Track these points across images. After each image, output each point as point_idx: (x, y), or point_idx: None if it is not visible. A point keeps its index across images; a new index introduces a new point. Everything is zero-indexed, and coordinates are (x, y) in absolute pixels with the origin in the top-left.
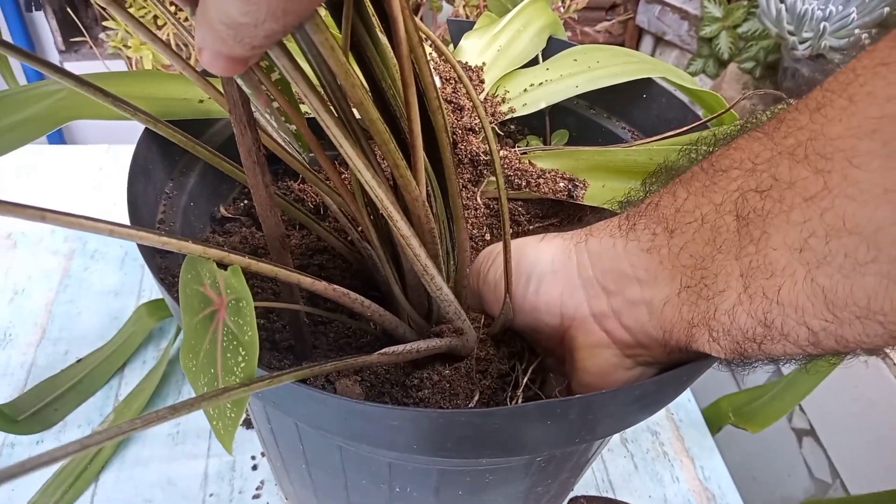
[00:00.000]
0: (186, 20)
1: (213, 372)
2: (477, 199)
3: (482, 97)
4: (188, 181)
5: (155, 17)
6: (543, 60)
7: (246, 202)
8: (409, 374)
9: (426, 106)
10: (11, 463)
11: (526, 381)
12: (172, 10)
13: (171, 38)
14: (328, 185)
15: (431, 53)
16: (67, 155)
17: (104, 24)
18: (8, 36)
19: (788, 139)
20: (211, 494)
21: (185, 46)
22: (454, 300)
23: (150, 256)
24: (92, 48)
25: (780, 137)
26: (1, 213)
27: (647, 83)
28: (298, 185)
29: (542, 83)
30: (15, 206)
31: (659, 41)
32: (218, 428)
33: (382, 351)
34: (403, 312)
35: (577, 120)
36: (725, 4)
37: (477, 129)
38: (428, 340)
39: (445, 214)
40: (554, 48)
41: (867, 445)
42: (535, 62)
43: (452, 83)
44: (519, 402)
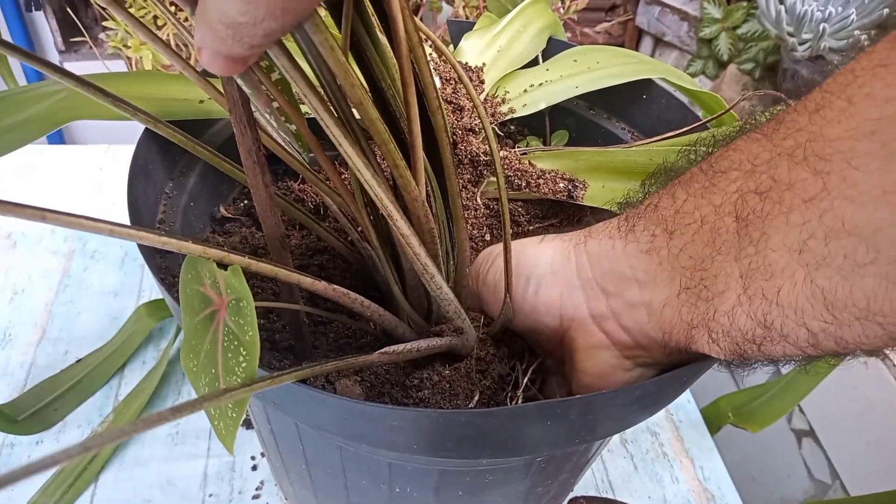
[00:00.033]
0: (186, 20)
1: (213, 372)
2: (477, 199)
3: (482, 98)
4: (188, 181)
5: (155, 17)
6: (543, 61)
7: (246, 202)
8: (409, 374)
9: (426, 106)
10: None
11: (526, 381)
12: (172, 9)
13: (170, 38)
14: (328, 185)
15: (431, 54)
16: (67, 155)
17: (104, 24)
18: (8, 36)
19: (787, 140)
20: (210, 495)
21: (185, 46)
22: (454, 299)
23: (150, 256)
24: (92, 48)
25: (779, 139)
26: (1, 212)
27: (646, 84)
28: (298, 185)
29: (542, 84)
30: (15, 206)
31: (658, 42)
32: (219, 428)
33: (383, 350)
34: (403, 312)
35: (576, 120)
36: (725, 5)
37: (477, 129)
38: (428, 339)
39: (445, 215)
40: (554, 49)
41: (867, 446)
42: (535, 63)
43: (452, 84)
44: (519, 402)
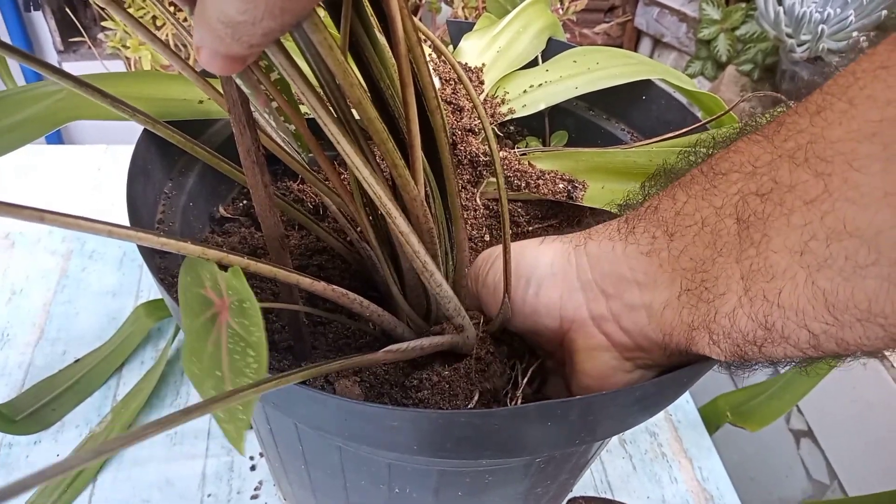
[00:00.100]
0: (185, 20)
1: (218, 375)
2: (476, 199)
3: (482, 98)
4: (187, 181)
5: (154, 17)
6: (543, 62)
7: (245, 202)
8: (408, 374)
9: (425, 106)
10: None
11: (525, 381)
12: (171, 9)
13: (169, 38)
14: (327, 185)
15: (431, 54)
16: (66, 155)
17: (103, 24)
18: (6, 36)
19: (788, 142)
20: (209, 495)
21: (183, 46)
22: (454, 296)
23: (149, 256)
24: (90, 48)
25: (779, 140)
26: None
27: (646, 85)
28: (297, 185)
29: (541, 84)
30: (14, 206)
31: (657, 43)
32: (229, 430)
33: (388, 348)
34: (402, 313)
35: (576, 121)
36: (724, 7)
37: (476, 130)
38: (431, 337)
39: (444, 215)
40: (553, 50)
41: (865, 447)
42: (534, 63)
43: (452, 84)
44: (518, 402)
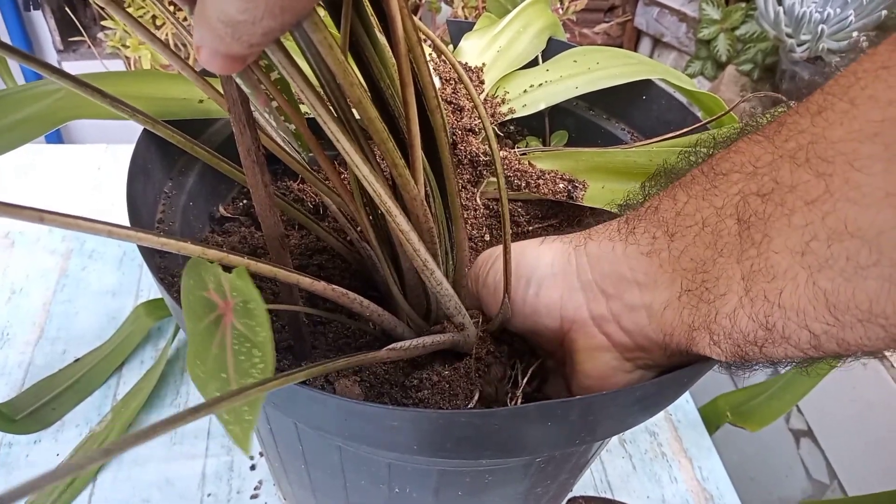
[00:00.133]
0: (185, 20)
1: (223, 377)
2: (476, 199)
3: (482, 98)
4: (187, 181)
5: (153, 16)
6: (543, 62)
7: (245, 202)
8: (408, 374)
9: (425, 105)
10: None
11: (525, 381)
12: (171, 9)
13: (169, 37)
14: (327, 185)
15: (431, 54)
16: (66, 154)
17: (102, 23)
18: (6, 35)
19: (789, 142)
20: (209, 494)
21: (183, 46)
22: (454, 295)
23: (149, 256)
24: (90, 48)
25: (780, 141)
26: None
27: (646, 85)
28: (297, 185)
29: (541, 84)
30: (13, 207)
31: (657, 43)
32: (235, 431)
33: (391, 346)
34: (402, 312)
35: (576, 121)
36: (723, 7)
37: (477, 129)
38: (432, 336)
39: (444, 214)
40: (554, 49)
41: (865, 447)
42: (534, 63)
43: (452, 84)
44: (518, 402)
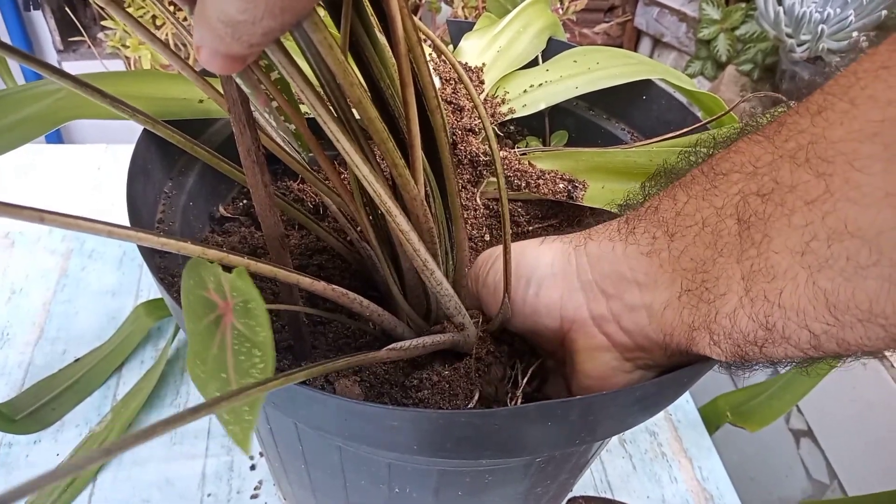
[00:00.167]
0: (185, 20)
1: (223, 377)
2: (476, 199)
3: (482, 98)
4: (187, 181)
5: (153, 16)
6: (543, 61)
7: (245, 202)
8: (408, 374)
9: (425, 105)
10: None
11: (525, 381)
12: (171, 9)
13: (169, 37)
14: (327, 185)
15: (431, 54)
16: (66, 154)
17: (102, 23)
18: (6, 35)
19: (789, 142)
20: (209, 494)
21: (183, 46)
22: (454, 295)
23: (149, 256)
24: (90, 48)
25: (780, 141)
26: (0, 214)
27: (646, 85)
28: (297, 185)
29: (541, 84)
30: (14, 207)
31: (657, 43)
32: (235, 431)
33: (391, 346)
34: (402, 312)
35: (576, 121)
36: (723, 7)
37: (477, 129)
38: (432, 336)
39: (444, 214)
40: (554, 49)
41: (865, 447)
42: (534, 63)
43: (452, 84)
44: (518, 402)
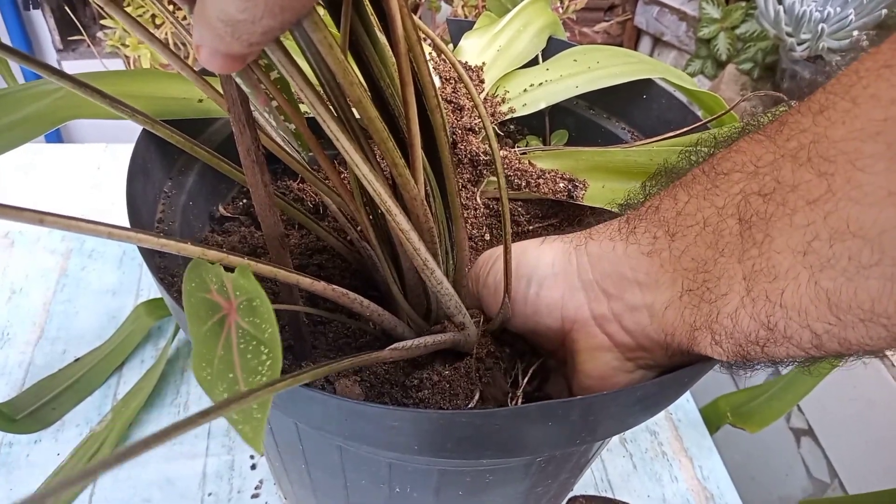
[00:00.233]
0: (184, 19)
1: (231, 377)
2: (476, 199)
3: (482, 97)
4: (187, 180)
5: (153, 16)
6: (543, 61)
7: (245, 201)
8: (408, 374)
9: (425, 105)
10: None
11: (526, 380)
12: (170, 8)
13: (168, 37)
14: (327, 184)
15: (431, 53)
16: (66, 154)
17: (102, 22)
18: (6, 34)
19: (791, 142)
20: (209, 494)
21: (183, 45)
22: (454, 294)
23: (149, 256)
24: (90, 47)
25: (782, 140)
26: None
27: (646, 84)
28: (297, 184)
29: (541, 83)
30: (14, 209)
31: (657, 42)
32: (245, 431)
33: (393, 346)
34: (402, 312)
35: (576, 120)
36: (723, 6)
37: (477, 129)
38: (433, 335)
39: (444, 214)
40: (554, 48)
41: (865, 446)
42: (534, 62)
43: (452, 83)
44: (519, 402)
